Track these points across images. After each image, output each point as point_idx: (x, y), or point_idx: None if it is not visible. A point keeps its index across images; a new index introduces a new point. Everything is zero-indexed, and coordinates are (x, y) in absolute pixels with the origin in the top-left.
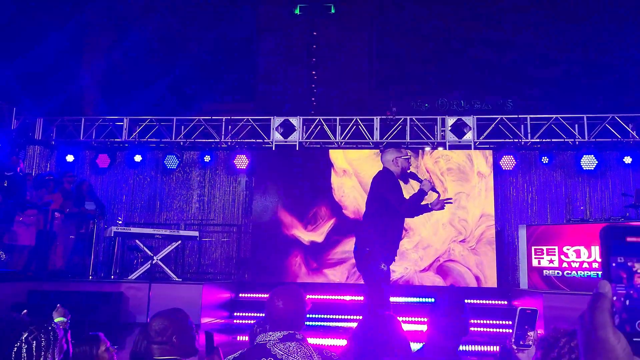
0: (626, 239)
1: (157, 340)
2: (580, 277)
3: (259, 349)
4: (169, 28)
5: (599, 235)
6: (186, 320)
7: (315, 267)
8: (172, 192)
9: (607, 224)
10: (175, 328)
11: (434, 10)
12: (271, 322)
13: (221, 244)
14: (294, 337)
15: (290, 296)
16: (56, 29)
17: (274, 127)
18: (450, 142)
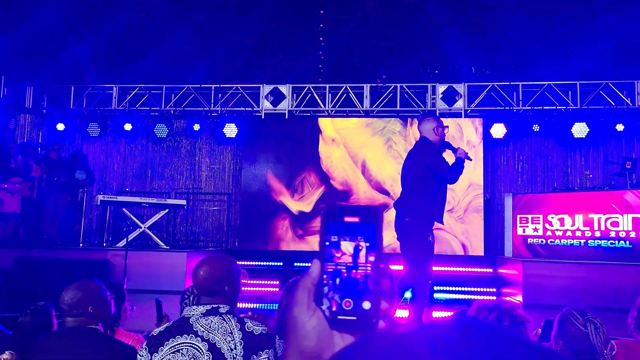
0: (343, 219)
1: (72, 313)
2: (564, 245)
3: (183, 323)
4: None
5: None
6: (99, 289)
7: (300, 234)
8: (163, 160)
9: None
10: (90, 298)
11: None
12: (197, 293)
13: (212, 213)
14: (217, 310)
15: (215, 265)
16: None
17: (263, 95)
18: (441, 109)
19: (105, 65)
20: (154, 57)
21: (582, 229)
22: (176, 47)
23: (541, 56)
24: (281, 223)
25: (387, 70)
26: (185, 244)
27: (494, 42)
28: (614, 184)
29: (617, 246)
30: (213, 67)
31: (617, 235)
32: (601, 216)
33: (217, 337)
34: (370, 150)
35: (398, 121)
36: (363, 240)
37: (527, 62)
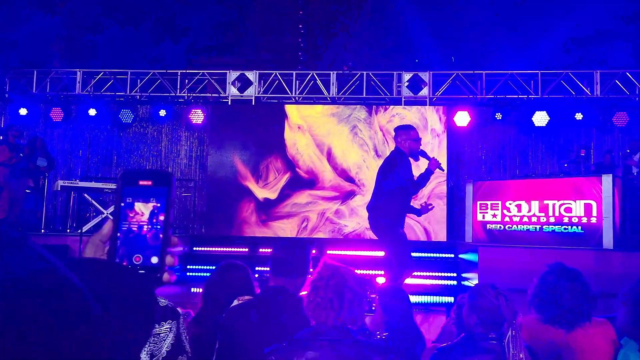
0: (138, 183)
1: None
2: (520, 231)
3: None
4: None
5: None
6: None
7: (264, 219)
8: (129, 146)
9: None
10: None
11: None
12: None
13: (179, 199)
14: None
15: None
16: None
17: (230, 82)
18: (406, 97)
19: (69, 49)
20: (120, 42)
21: (538, 215)
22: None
23: (504, 45)
24: (246, 208)
25: (353, 57)
26: None
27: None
28: (568, 171)
29: (570, 231)
30: (179, 52)
31: (570, 220)
32: (555, 202)
33: None
34: (336, 138)
35: (364, 108)
36: (155, 202)
37: (491, 51)
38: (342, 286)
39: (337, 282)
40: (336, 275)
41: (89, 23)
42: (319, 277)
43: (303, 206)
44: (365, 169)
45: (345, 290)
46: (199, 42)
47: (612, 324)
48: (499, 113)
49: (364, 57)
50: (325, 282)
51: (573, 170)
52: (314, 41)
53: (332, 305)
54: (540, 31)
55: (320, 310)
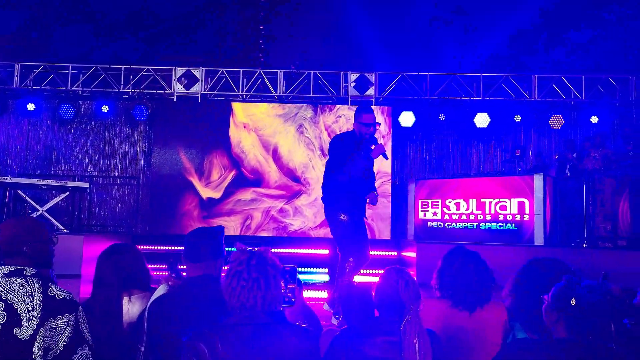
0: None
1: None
2: (459, 229)
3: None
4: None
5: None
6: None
7: (205, 215)
8: (70, 143)
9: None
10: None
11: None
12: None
13: (122, 197)
14: (22, 272)
15: (13, 226)
16: None
17: (175, 78)
18: (353, 97)
19: (6, 41)
20: (60, 35)
21: (475, 213)
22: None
23: (448, 47)
24: (189, 207)
25: (301, 56)
26: (96, 229)
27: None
28: (504, 170)
29: (505, 228)
30: (124, 47)
31: (505, 218)
32: (492, 200)
33: (16, 298)
34: (282, 137)
35: (310, 108)
36: None
37: (435, 53)
38: (265, 265)
39: (259, 262)
40: (255, 255)
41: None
42: (237, 262)
43: (247, 203)
44: (311, 169)
45: (269, 269)
46: (144, 37)
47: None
48: (442, 114)
49: (311, 56)
50: (247, 264)
51: (509, 170)
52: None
53: (259, 285)
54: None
55: (247, 292)
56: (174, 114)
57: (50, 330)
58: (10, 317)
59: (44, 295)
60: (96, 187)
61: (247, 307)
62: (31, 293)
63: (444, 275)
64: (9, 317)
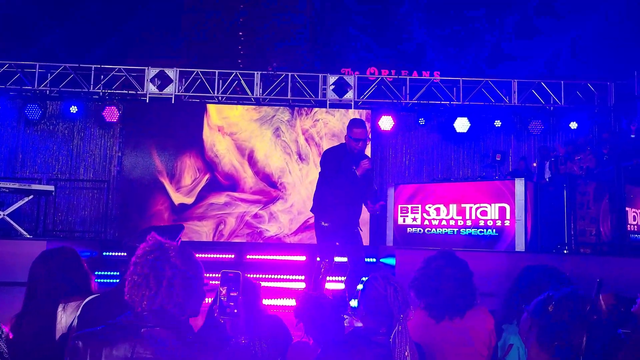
0: None
1: None
2: (439, 234)
3: None
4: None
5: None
6: None
7: (175, 219)
8: (37, 144)
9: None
10: None
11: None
12: None
13: (91, 201)
14: None
15: None
16: None
17: (148, 79)
18: (331, 100)
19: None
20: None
21: (456, 218)
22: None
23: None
24: (160, 211)
25: (278, 58)
26: (63, 234)
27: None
28: (485, 175)
29: (486, 234)
30: (95, 46)
31: (486, 223)
32: (472, 206)
33: None
34: (258, 141)
35: (287, 110)
36: None
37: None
38: (163, 261)
39: (156, 257)
40: (157, 249)
41: None
42: (142, 252)
43: (221, 207)
44: (287, 174)
45: (166, 267)
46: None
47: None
48: (422, 118)
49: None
50: (145, 257)
51: (489, 175)
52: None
53: (147, 283)
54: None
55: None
56: (146, 116)
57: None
58: None
59: None
60: (64, 190)
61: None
62: None
63: (421, 276)
64: None
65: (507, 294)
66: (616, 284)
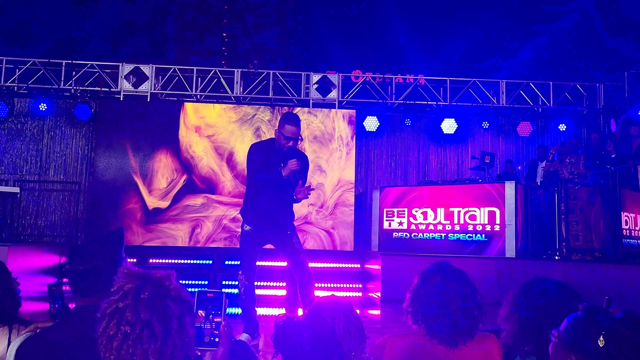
0: None
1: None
2: (426, 239)
3: None
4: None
5: None
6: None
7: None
8: (3, 144)
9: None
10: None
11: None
12: None
13: (61, 204)
14: None
15: None
16: None
17: (122, 75)
18: (315, 99)
19: None
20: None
21: (444, 223)
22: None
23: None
24: (133, 214)
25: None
26: (32, 239)
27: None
28: (473, 177)
29: (475, 239)
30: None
31: (475, 228)
32: (461, 210)
33: None
34: (238, 142)
35: (268, 109)
36: None
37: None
38: (164, 299)
39: (153, 294)
40: (149, 283)
41: None
42: (120, 294)
43: (197, 209)
44: None
45: (170, 305)
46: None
47: (497, 337)
48: (408, 119)
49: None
50: (134, 298)
51: (478, 177)
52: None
53: (151, 332)
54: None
55: (131, 344)
56: (120, 114)
57: None
58: None
59: None
60: (32, 192)
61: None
62: None
63: (419, 297)
64: None
65: (516, 313)
66: (609, 292)
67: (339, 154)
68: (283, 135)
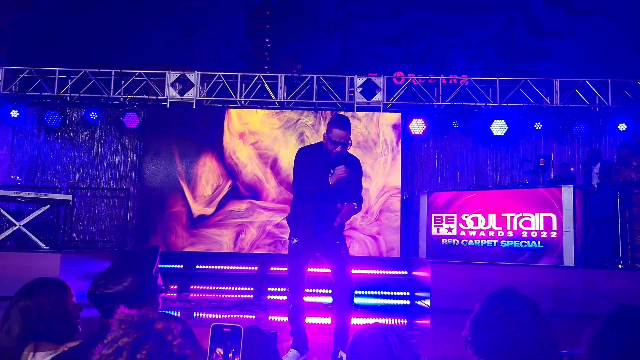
0: None
1: None
2: (477, 246)
3: None
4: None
5: None
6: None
7: (197, 231)
8: (57, 152)
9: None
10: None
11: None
12: None
13: (111, 210)
14: None
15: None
16: None
17: (169, 83)
18: (359, 103)
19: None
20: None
21: (495, 229)
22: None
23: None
24: (180, 220)
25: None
26: (83, 245)
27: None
28: (527, 182)
29: (529, 246)
30: (114, 50)
31: (529, 235)
32: (514, 215)
33: None
34: (282, 147)
35: (311, 114)
36: None
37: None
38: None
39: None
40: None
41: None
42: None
43: (242, 215)
44: None
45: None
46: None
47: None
48: (456, 121)
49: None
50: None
51: (532, 181)
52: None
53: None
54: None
55: None
56: (167, 121)
57: None
58: None
59: None
60: (84, 199)
61: None
62: None
63: (481, 329)
64: None
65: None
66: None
67: (383, 158)
68: (330, 140)
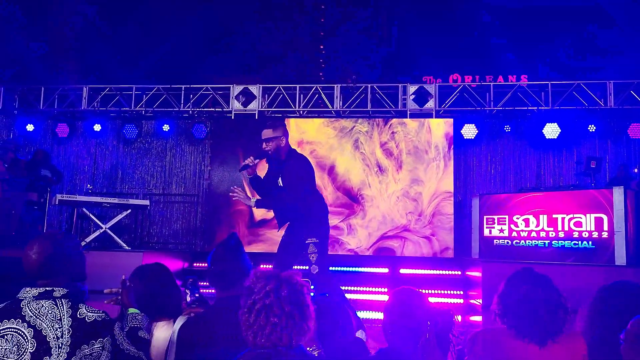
0: None
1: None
2: (528, 247)
3: (14, 306)
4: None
5: None
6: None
7: (260, 234)
8: (134, 161)
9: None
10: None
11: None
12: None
13: (182, 214)
14: (51, 294)
15: (46, 244)
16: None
17: (233, 96)
18: (412, 110)
19: (75, 66)
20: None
21: (547, 230)
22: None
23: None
24: (242, 215)
25: (357, 70)
26: (158, 246)
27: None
28: (578, 183)
29: (580, 247)
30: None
31: (580, 235)
32: (565, 216)
33: (45, 323)
34: (339, 154)
35: (365, 121)
36: None
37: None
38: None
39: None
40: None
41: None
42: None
43: None
44: (367, 187)
45: (303, 299)
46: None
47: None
48: (507, 125)
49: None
50: (276, 295)
51: (583, 183)
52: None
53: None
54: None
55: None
56: (232, 132)
57: (85, 358)
58: (40, 345)
59: (73, 319)
60: (157, 204)
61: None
62: (60, 317)
63: (507, 300)
64: (38, 345)
65: (596, 320)
66: None
67: (435, 164)
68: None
